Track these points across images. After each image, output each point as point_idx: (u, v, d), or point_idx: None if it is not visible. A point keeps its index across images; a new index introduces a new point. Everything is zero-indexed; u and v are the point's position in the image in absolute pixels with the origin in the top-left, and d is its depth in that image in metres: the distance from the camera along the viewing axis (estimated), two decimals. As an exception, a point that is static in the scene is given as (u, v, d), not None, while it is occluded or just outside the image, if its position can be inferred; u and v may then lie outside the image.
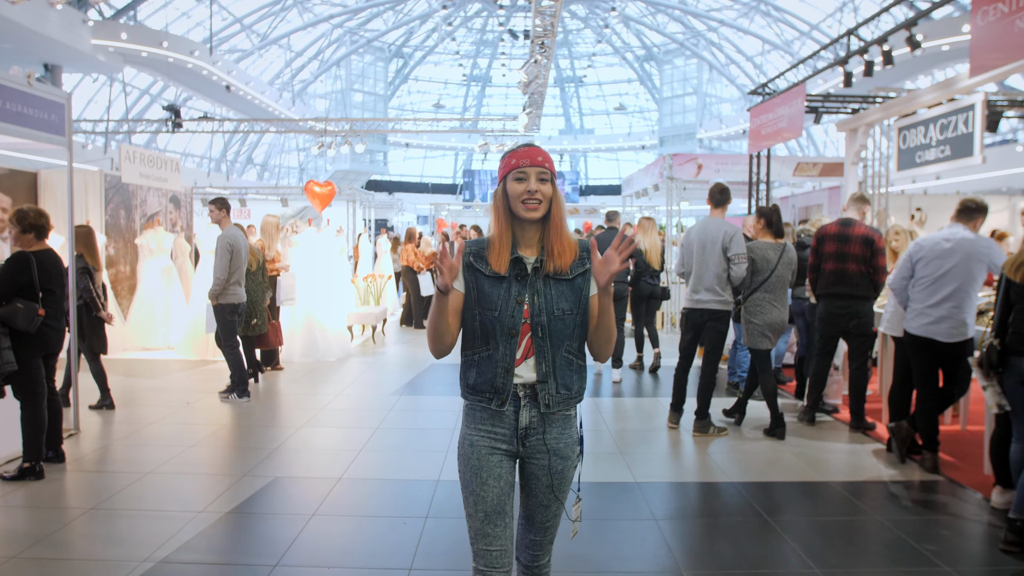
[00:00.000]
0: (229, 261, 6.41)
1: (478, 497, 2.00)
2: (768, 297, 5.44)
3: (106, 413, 5.95)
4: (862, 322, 5.52)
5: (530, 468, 2.07)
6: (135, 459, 4.78)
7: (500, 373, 1.98)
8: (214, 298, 6.44)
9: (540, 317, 1.97)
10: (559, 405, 2.02)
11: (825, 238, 5.64)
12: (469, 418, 2.06)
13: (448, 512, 3.86)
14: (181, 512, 3.82)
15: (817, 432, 5.62)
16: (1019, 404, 3.61)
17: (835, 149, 30.83)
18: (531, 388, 2.01)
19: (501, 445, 2.03)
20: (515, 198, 1.97)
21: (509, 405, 2.00)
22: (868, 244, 5.46)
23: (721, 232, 5.34)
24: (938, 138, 7.03)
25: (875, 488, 4.40)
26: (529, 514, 2.12)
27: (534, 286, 1.99)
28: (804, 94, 8.99)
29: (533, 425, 2.02)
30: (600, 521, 3.77)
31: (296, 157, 40.12)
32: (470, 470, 2.02)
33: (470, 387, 2.04)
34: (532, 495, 2.09)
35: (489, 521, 2.00)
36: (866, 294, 5.50)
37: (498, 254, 1.98)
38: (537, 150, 2.00)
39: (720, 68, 35.90)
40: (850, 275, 5.51)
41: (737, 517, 3.92)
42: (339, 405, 6.42)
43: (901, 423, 4.85)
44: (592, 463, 4.71)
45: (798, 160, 12.63)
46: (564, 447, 2.05)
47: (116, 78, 24.04)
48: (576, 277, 2.02)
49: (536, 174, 1.96)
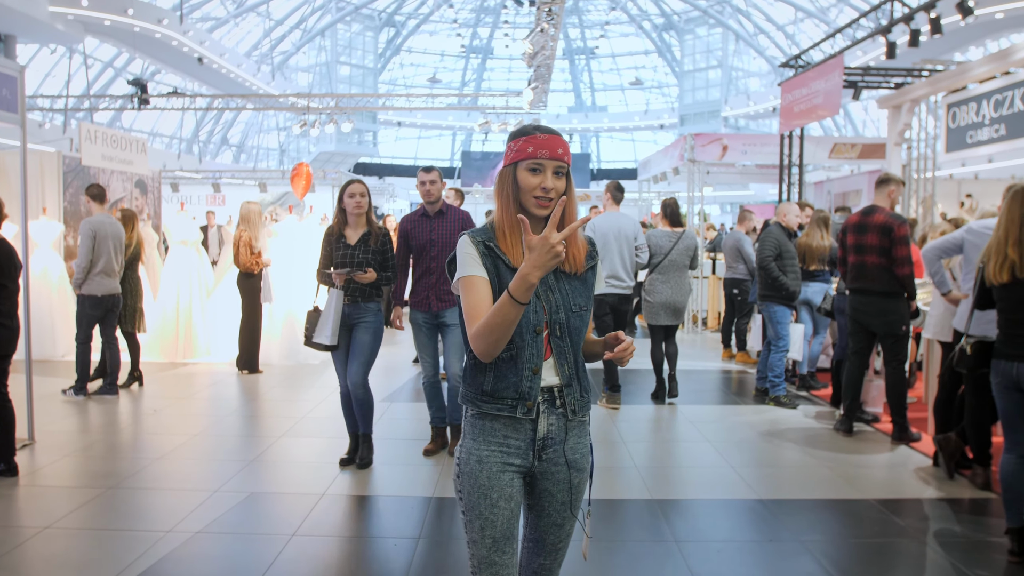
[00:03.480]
0: (91, 248, 6.59)
1: (486, 521, 1.96)
2: (661, 278, 6.75)
3: (65, 421, 5.96)
4: (888, 320, 5.49)
5: (544, 484, 2.04)
6: (96, 472, 4.78)
7: (527, 376, 1.95)
8: (76, 287, 6.70)
9: (558, 314, 1.98)
10: (582, 411, 2.06)
11: (847, 229, 5.72)
12: (477, 430, 2.00)
13: (443, 533, 3.85)
14: (146, 532, 3.81)
15: (854, 444, 5.60)
16: (1010, 411, 3.65)
17: (876, 129, 30.74)
18: (550, 392, 2.00)
19: (515, 460, 1.99)
20: (527, 191, 1.95)
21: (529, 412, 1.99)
22: (886, 233, 5.43)
23: (631, 225, 6.59)
24: (992, 116, 6.99)
25: (919, 507, 4.38)
26: (539, 536, 2.09)
27: (547, 281, 1.99)
28: (842, 67, 8.95)
29: (551, 434, 2.01)
30: (613, 544, 3.76)
31: (276, 137, 40.13)
32: (478, 490, 1.97)
33: (486, 393, 1.98)
34: (544, 514, 2.07)
35: (497, 548, 1.97)
36: (889, 289, 5.47)
37: (510, 244, 1.97)
38: (559, 140, 1.97)
39: (748, 38, 35.78)
40: (869, 268, 5.51)
41: (766, 539, 3.91)
42: (322, 413, 6.42)
43: (949, 435, 4.83)
44: (603, 478, 4.70)
45: (834, 141, 12.58)
46: (580, 458, 2.07)
47: (76, 49, 24.05)
48: (586, 272, 2.05)
49: (553, 168, 1.94)
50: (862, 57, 19.45)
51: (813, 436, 5.79)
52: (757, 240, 7.22)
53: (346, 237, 4.75)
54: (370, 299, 4.75)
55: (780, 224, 6.85)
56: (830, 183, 14.48)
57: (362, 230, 4.77)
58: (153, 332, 8.67)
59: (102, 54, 27.13)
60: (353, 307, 4.73)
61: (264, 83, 29.11)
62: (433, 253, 5.07)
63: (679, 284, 6.77)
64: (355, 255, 4.68)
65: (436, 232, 5.10)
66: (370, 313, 4.75)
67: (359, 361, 4.72)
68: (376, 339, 4.79)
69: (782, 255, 6.67)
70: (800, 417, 6.36)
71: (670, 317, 6.78)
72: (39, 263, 8.42)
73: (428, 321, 5.11)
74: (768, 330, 6.83)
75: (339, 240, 4.74)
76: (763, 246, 6.73)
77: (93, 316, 6.71)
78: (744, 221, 8.72)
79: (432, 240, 5.09)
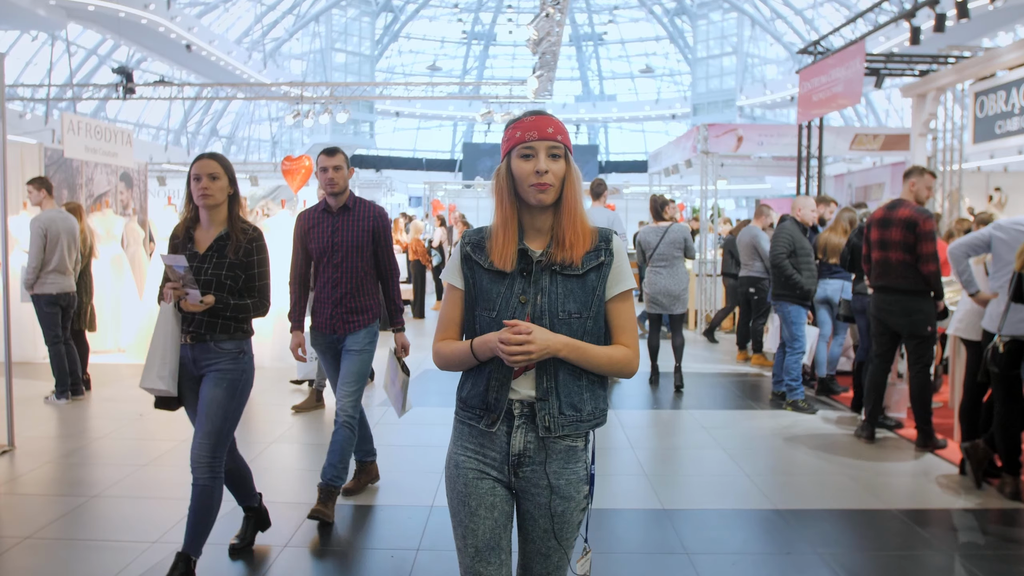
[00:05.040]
0: (42, 248, 6.61)
1: (467, 530, 1.97)
2: (655, 269, 7.41)
3: (45, 426, 5.97)
4: (914, 320, 5.49)
5: (525, 506, 2.01)
6: (79, 480, 4.79)
7: (493, 387, 1.94)
8: (28, 287, 6.71)
9: (541, 320, 1.91)
10: (562, 429, 1.94)
11: (871, 224, 5.76)
12: (457, 434, 2.05)
13: (443, 544, 3.84)
14: (132, 542, 3.82)
15: (877, 451, 5.59)
16: None
17: (899, 118, 30.67)
18: (530, 407, 1.94)
19: (491, 471, 1.98)
20: (522, 179, 1.92)
21: (501, 425, 1.95)
22: (911, 227, 5.44)
23: (613, 219, 7.57)
24: (1021, 105, 6.97)
25: (945, 518, 4.37)
26: (527, 563, 2.06)
27: (539, 283, 1.94)
28: (863, 54, 8.93)
29: (528, 453, 1.95)
30: (620, 555, 3.75)
31: (268, 128, 40.21)
32: (457, 497, 2.00)
33: (462, 400, 2.03)
34: (529, 539, 2.04)
35: (481, 558, 1.96)
36: (915, 287, 5.47)
37: (501, 246, 1.94)
38: (547, 119, 1.95)
39: (764, 23, 35.72)
40: (894, 265, 5.52)
41: (782, 551, 3.90)
42: (315, 418, 6.42)
43: (977, 442, 4.81)
44: (611, 486, 4.69)
45: (856, 131, 12.57)
46: (566, 485, 1.97)
47: (58, 36, 24.11)
48: (588, 272, 1.96)
49: (547, 149, 1.91)
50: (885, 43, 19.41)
51: (833, 442, 5.78)
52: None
53: (195, 241, 3.40)
54: (227, 335, 3.35)
55: (795, 219, 6.82)
56: (851, 176, 14.46)
57: (217, 231, 3.39)
58: (139, 332, 8.69)
59: (85, 41, 27.19)
60: (199, 348, 3.33)
61: (255, 71, 29.17)
62: (336, 260, 4.18)
63: (673, 273, 7.36)
64: (203, 269, 3.31)
65: (341, 233, 4.19)
66: (225, 357, 3.34)
67: (203, 431, 3.31)
68: (234, 396, 3.35)
69: (796, 252, 6.64)
70: (819, 422, 6.35)
71: (668, 304, 7.35)
72: (19, 261, 8.43)
73: (331, 347, 4.30)
74: (783, 331, 6.81)
75: (185, 245, 3.39)
76: (776, 243, 6.72)
77: (52, 314, 6.72)
78: (761, 216, 8.71)
79: (335, 243, 4.18)
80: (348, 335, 4.23)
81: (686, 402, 7.15)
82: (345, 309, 4.21)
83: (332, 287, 4.20)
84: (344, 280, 4.19)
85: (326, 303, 4.22)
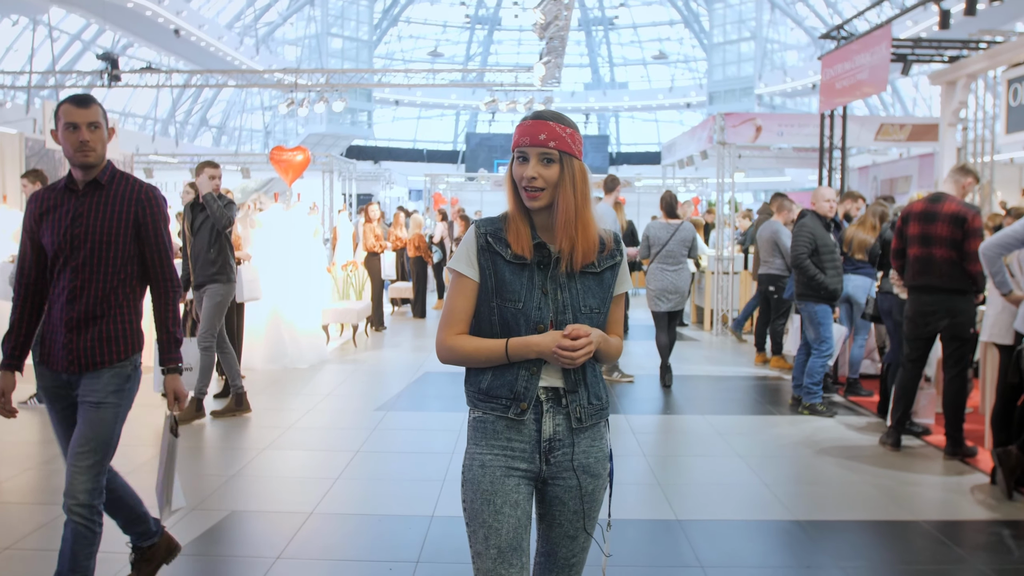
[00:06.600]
0: None
1: (491, 530, 2.02)
2: (660, 266, 7.70)
3: (25, 431, 5.98)
4: (956, 322, 5.45)
5: (554, 491, 2.11)
6: (60, 488, 4.75)
7: (524, 375, 2.04)
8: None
9: (565, 315, 2.05)
10: (591, 419, 2.10)
11: (909, 217, 5.63)
12: (479, 434, 2.09)
13: (445, 556, 3.84)
14: (116, 553, 3.81)
15: (903, 459, 5.57)
16: None
17: (927, 107, 30.57)
18: (555, 393, 2.07)
19: (520, 465, 2.06)
20: (518, 183, 2.05)
21: (530, 413, 2.04)
22: (959, 224, 5.37)
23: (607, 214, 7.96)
24: (1058, 93, 6.94)
25: (975, 529, 4.36)
26: (551, 549, 2.15)
27: (556, 279, 2.06)
28: (889, 39, 8.91)
29: (559, 436, 2.07)
30: (633, 568, 3.75)
31: (260, 118, 40.28)
32: (481, 497, 2.04)
33: (483, 392, 2.07)
34: (556, 524, 2.13)
35: (503, 560, 2.01)
36: (960, 287, 5.42)
37: (517, 235, 2.05)
38: (542, 124, 2.02)
39: (784, 6, 35.65)
40: (937, 263, 5.45)
41: (803, 564, 3.89)
42: (311, 423, 6.43)
43: (1009, 449, 4.79)
44: (621, 495, 4.68)
45: (881, 121, 12.52)
46: (595, 463, 2.12)
47: (40, 20, 24.17)
48: (605, 271, 2.11)
49: (538, 155, 2.01)
50: (912, 27, 19.35)
51: (856, 450, 5.76)
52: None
53: None
54: None
55: (815, 213, 6.71)
56: (876, 168, 14.43)
57: None
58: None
59: (69, 26, 27.25)
60: None
61: (247, 58, 29.21)
62: (77, 260, 2.96)
63: (678, 271, 7.71)
64: None
65: (85, 220, 2.97)
66: None
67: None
68: None
69: (818, 250, 6.53)
70: (842, 429, 6.33)
71: (671, 301, 7.67)
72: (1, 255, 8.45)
73: (62, 393, 3.12)
74: (808, 332, 6.73)
75: None
76: (796, 242, 6.60)
77: None
78: (782, 211, 8.64)
79: (75, 235, 2.96)
80: (85, 375, 3.01)
81: (701, 407, 7.14)
82: (86, 336, 2.98)
83: (68, 301, 2.97)
84: (87, 291, 2.97)
85: (58, 326, 2.99)
